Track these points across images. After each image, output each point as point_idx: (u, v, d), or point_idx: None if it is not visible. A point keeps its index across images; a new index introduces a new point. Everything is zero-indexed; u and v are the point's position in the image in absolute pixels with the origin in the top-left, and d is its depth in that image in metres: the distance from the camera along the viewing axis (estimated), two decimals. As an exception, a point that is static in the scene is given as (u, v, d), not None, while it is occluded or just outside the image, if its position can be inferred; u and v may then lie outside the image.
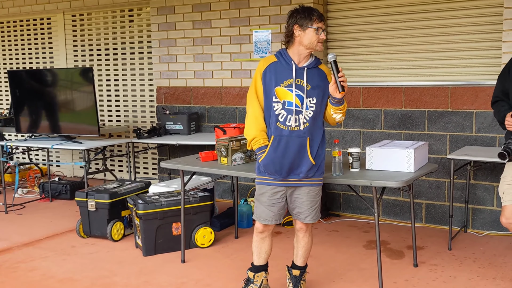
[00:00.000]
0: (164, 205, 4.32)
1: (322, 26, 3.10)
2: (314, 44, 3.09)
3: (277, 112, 3.12)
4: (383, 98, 5.13)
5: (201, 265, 4.11)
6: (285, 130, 3.12)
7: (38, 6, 7.32)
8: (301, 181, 3.19)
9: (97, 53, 7.17)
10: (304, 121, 3.12)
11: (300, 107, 3.11)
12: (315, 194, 3.25)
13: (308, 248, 3.41)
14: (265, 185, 3.23)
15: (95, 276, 3.92)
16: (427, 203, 5.04)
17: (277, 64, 3.15)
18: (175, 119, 5.90)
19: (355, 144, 5.25)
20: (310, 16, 3.08)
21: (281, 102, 3.12)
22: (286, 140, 3.12)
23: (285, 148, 3.12)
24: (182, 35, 6.16)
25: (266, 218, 3.26)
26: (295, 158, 3.12)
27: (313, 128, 3.15)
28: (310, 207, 3.24)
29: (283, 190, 3.22)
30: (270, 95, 3.13)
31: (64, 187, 6.26)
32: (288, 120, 3.11)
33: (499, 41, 4.69)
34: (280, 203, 3.24)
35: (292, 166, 3.14)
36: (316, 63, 3.19)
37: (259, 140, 3.17)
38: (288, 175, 3.16)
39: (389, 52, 5.27)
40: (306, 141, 3.12)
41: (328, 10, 5.49)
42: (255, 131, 3.18)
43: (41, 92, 5.85)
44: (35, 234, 4.96)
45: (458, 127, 4.82)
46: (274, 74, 3.13)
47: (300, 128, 3.12)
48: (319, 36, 3.09)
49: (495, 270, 3.89)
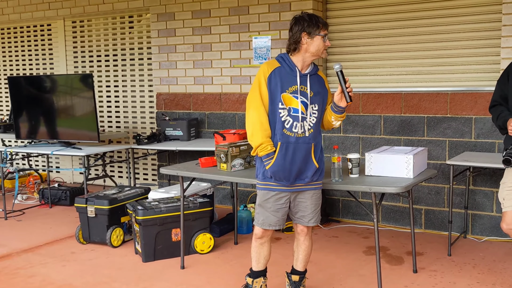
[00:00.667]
0: (163, 211, 4.32)
1: (327, 33, 3.16)
2: (320, 51, 3.14)
3: (284, 119, 3.12)
4: (382, 104, 5.14)
5: (201, 271, 4.10)
6: (292, 137, 3.13)
7: (39, 12, 7.34)
8: (306, 185, 3.22)
9: (97, 59, 7.19)
10: (309, 128, 3.15)
11: (305, 114, 3.14)
12: (318, 197, 3.31)
13: (309, 253, 3.41)
14: (270, 191, 3.22)
15: (94, 282, 3.91)
16: (427, 209, 5.04)
17: (281, 69, 3.14)
18: (174, 125, 5.90)
19: (354, 150, 5.26)
20: (318, 24, 3.11)
21: (287, 108, 3.12)
22: (293, 147, 3.14)
23: (293, 155, 3.13)
24: (182, 41, 6.18)
25: (270, 223, 3.25)
26: (302, 164, 3.15)
27: (316, 134, 3.20)
28: (314, 210, 3.28)
29: (288, 195, 3.23)
30: (276, 100, 3.12)
31: (64, 193, 6.26)
32: (295, 127, 3.13)
33: (498, 47, 4.70)
34: (285, 208, 3.25)
35: (299, 172, 3.17)
36: (316, 70, 3.23)
37: (267, 146, 3.12)
38: (295, 181, 3.19)
39: (388, 58, 5.29)
40: (311, 147, 3.17)
41: (327, 16, 5.51)
42: (261, 137, 3.12)
43: (41, 98, 5.86)
44: (34, 240, 4.96)
45: (457, 133, 4.83)
46: (279, 79, 3.12)
47: (305, 134, 3.15)
48: (325, 43, 3.14)
49: (495, 276, 3.89)
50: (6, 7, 7.64)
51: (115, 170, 7.28)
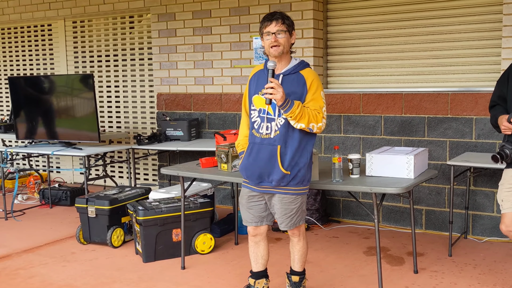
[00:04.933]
0: (164, 212, 4.32)
1: (271, 29, 3.04)
2: (268, 49, 3.08)
3: (253, 120, 3.17)
4: (383, 104, 5.14)
5: (201, 272, 4.10)
6: (257, 138, 3.14)
7: (39, 12, 7.35)
8: (273, 188, 3.16)
9: (97, 60, 7.19)
10: (276, 129, 3.08)
11: (273, 115, 3.09)
12: (289, 202, 3.16)
13: (304, 253, 3.39)
14: (244, 188, 3.30)
15: (95, 283, 3.91)
16: (427, 209, 5.04)
17: (261, 72, 3.17)
18: (175, 125, 5.90)
19: (355, 150, 5.25)
20: (262, 22, 3.09)
21: (258, 109, 3.14)
22: (257, 148, 3.13)
23: (256, 155, 3.13)
24: (183, 41, 6.18)
25: (246, 219, 3.30)
26: (265, 166, 3.10)
27: (286, 136, 3.07)
28: (284, 214, 3.18)
29: (260, 195, 3.23)
30: (250, 102, 3.19)
31: (64, 193, 6.26)
32: (261, 128, 3.12)
33: (498, 47, 4.70)
34: (258, 206, 3.24)
35: (262, 174, 3.12)
36: (296, 69, 3.11)
37: (239, 145, 3.36)
38: (259, 182, 3.16)
39: (389, 59, 5.29)
40: (276, 149, 3.07)
41: (328, 16, 5.51)
42: (239, 137, 3.37)
43: (41, 99, 5.85)
44: (34, 240, 4.96)
45: (458, 133, 4.82)
46: (256, 82, 3.17)
47: (271, 136, 3.09)
48: (270, 40, 3.03)
49: (496, 277, 3.89)
50: (7, 7, 7.64)
51: (115, 171, 7.28)
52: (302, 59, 3.23)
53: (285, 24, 3.07)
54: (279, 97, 2.93)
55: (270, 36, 3.03)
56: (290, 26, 3.10)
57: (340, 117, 5.33)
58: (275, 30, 3.04)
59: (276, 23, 3.04)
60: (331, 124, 5.36)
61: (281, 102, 2.94)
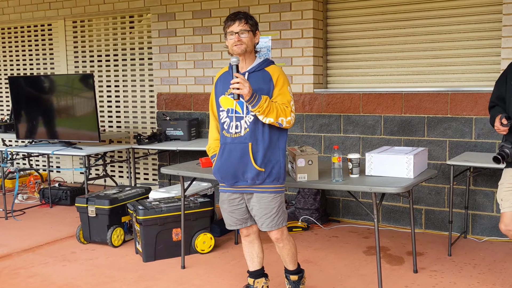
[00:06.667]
0: (164, 211, 4.32)
1: (234, 29, 3.04)
2: (231, 48, 3.08)
3: (223, 121, 3.16)
4: (382, 104, 5.14)
5: (201, 271, 4.11)
6: (228, 138, 3.12)
7: (39, 12, 7.35)
8: (250, 187, 3.13)
9: (97, 59, 7.20)
10: (245, 127, 3.07)
11: (241, 113, 3.08)
12: (269, 202, 3.12)
13: (294, 253, 3.35)
14: (222, 192, 3.25)
15: (95, 282, 3.92)
16: (427, 209, 5.05)
17: (226, 73, 3.16)
18: (175, 125, 5.91)
19: (354, 150, 5.26)
20: (225, 22, 3.10)
21: (226, 110, 3.13)
22: (229, 148, 3.11)
23: (228, 156, 3.11)
24: (183, 41, 6.18)
25: (230, 223, 3.30)
26: (238, 165, 3.08)
27: (256, 133, 3.06)
28: (264, 214, 3.14)
29: (239, 196, 3.20)
30: (218, 104, 3.18)
31: (64, 193, 6.26)
32: (231, 127, 3.11)
33: (498, 47, 4.71)
34: (240, 209, 3.23)
35: (236, 173, 3.11)
36: (261, 66, 3.11)
37: (210, 149, 3.31)
38: (235, 182, 3.14)
39: (388, 58, 5.29)
40: (248, 147, 3.06)
41: (327, 16, 5.51)
42: (210, 141, 3.33)
43: (42, 98, 5.86)
44: (35, 240, 4.96)
45: (457, 133, 4.83)
46: (222, 83, 3.16)
47: (241, 134, 3.08)
48: (232, 40, 3.05)
49: (495, 276, 3.89)
50: (7, 6, 7.64)
51: (115, 170, 7.28)
52: (267, 57, 3.23)
53: (248, 24, 3.08)
54: (246, 91, 2.92)
55: (234, 36, 3.05)
56: (253, 26, 3.11)
57: (339, 117, 5.33)
58: (238, 29, 3.05)
59: (239, 23, 3.05)
60: (331, 124, 5.36)
61: (248, 96, 2.93)
